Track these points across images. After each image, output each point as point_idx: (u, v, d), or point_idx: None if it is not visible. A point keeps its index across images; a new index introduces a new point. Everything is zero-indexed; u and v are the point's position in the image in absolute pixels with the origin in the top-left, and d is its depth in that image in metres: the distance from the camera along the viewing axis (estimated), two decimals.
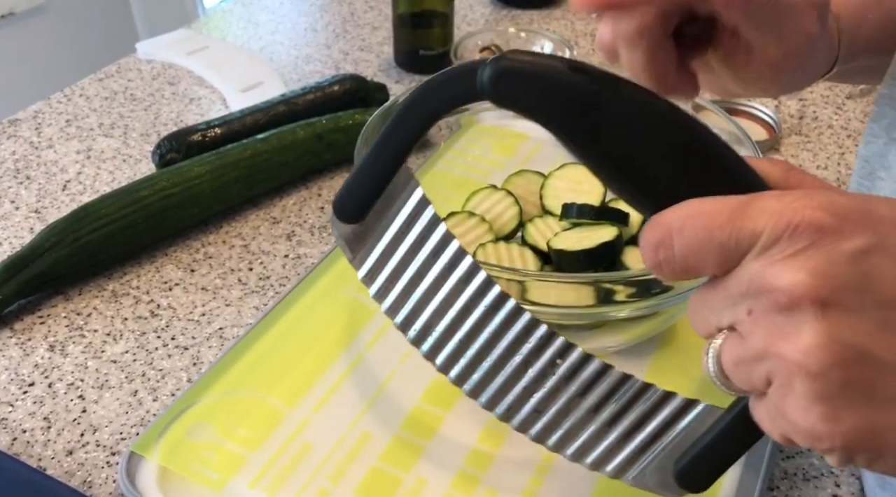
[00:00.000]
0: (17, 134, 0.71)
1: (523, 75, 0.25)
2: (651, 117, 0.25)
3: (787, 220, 0.22)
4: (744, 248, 0.23)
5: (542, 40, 0.81)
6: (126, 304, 0.54)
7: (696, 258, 0.24)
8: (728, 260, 0.23)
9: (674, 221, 0.24)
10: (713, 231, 0.23)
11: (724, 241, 0.23)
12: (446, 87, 0.27)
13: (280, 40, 0.87)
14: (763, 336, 0.23)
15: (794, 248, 0.22)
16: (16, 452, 0.44)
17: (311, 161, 0.64)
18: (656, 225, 0.25)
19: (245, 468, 0.42)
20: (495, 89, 0.25)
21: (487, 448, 0.43)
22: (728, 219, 0.23)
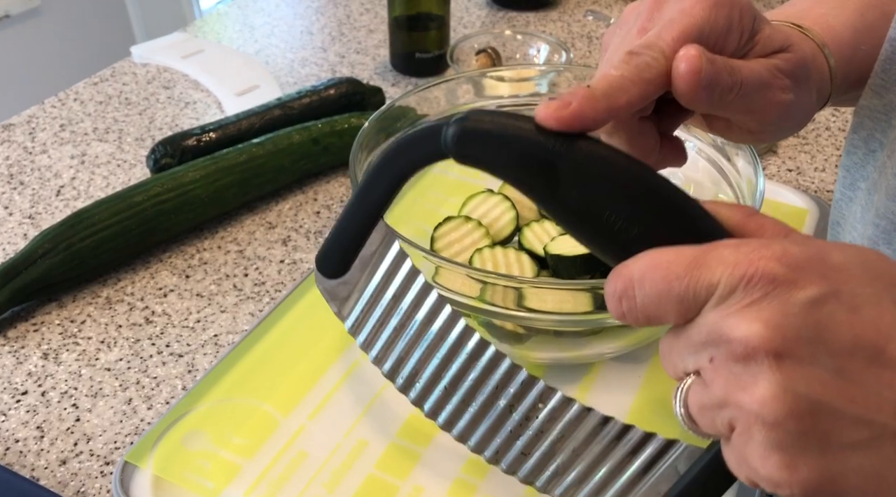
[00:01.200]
0: (11, 139, 0.70)
1: (483, 136, 0.26)
2: (607, 172, 0.26)
3: (742, 271, 0.23)
4: (701, 299, 0.23)
5: (538, 42, 0.81)
6: (120, 311, 0.53)
7: (656, 309, 0.24)
8: (687, 310, 0.24)
9: (634, 272, 0.25)
10: (671, 282, 0.24)
11: (682, 293, 0.24)
12: (413, 148, 0.29)
13: (276, 43, 0.87)
14: (723, 384, 0.23)
15: (749, 298, 0.22)
16: (8, 462, 0.44)
17: (307, 165, 0.64)
18: (618, 276, 0.25)
19: (240, 477, 0.42)
20: (457, 149, 0.27)
21: None
22: (685, 270, 0.24)
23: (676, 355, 0.25)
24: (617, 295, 0.25)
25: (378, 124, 0.51)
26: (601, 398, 0.46)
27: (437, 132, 0.27)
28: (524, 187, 0.27)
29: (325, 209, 0.63)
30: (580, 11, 0.94)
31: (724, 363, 0.23)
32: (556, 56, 0.79)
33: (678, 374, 0.26)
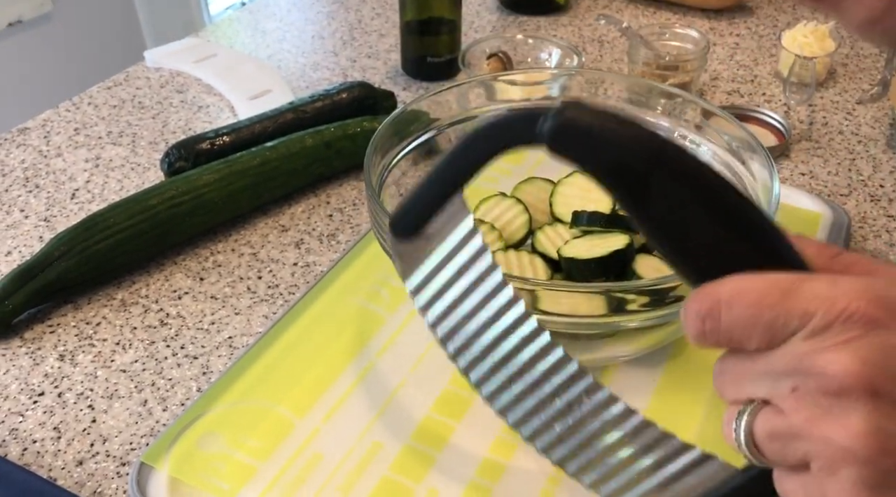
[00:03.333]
0: (27, 142, 0.71)
1: (579, 134, 0.26)
2: (701, 190, 0.26)
3: (841, 307, 0.23)
4: (791, 329, 0.23)
5: (549, 46, 0.81)
6: (135, 313, 0.54)
7: (741, 333, 0.24)
8: (773, 338, 0.24)
9: (723, 294, 0.24)
10: (763, 309, 0.24)
11: (773, 320, 0.24)
12: (508, 130, 0.28)
13: (287, 48, 0.87)
14: (807, 416, 0.23)
15: (846, 335, 0.23)
16: (26, 463, 0.44)
17: (320, 168, 0.64)
18: (704, 296, 0.25)
19: (255, 479, 0.42)
20: (551, 142, 0.26)
21: (499, 458, 0.43)
22: (779, 298, 0.24)
23: (746, 379, 0.25)
24: (701, 314, 0.25)
25: (392, 128, 0.51)
26: None
27: (535, 119, 0.27)
28: (613, 192, 0.27)
29: (337, 212, 0.63)
30: (591, 16, 0.95)
31: (811, 395, 0.23)
32: (568, 60, 0.79)
33: (741, 398, 0.26)
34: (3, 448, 0.45)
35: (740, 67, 0.84)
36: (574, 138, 0.26)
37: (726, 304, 0.24)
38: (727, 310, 0.24)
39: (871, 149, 0.71)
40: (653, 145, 0.26)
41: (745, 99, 0.78)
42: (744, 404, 0.25)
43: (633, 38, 0.79)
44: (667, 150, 0.26)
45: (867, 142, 0.72)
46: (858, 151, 0.70)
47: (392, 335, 0.50)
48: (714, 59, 0.85)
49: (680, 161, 0.26)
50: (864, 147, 0.71)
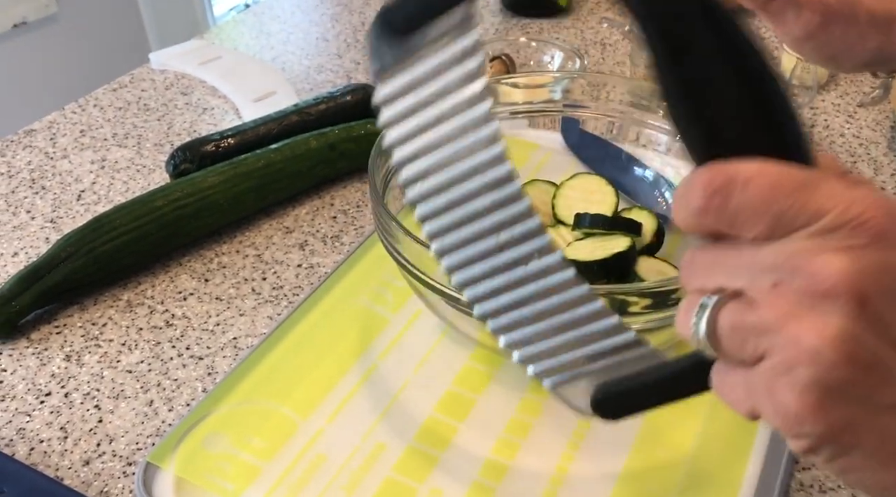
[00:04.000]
0: (33, 144, 0.71)
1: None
2: (745, 60, 0.24)
3: (857, 212, 0.22)
4: (798, 223, 0.22)
5: (552, 49, 0.82)
6: (141, 314, 0.54)
7: (748, 217, 0.23)
8: (776, 228, 0.23)
9: (740, 172, 0.23)
10: (779, 195, 0.22)
11: (785, 210, 0.22)
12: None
13: (292, 50, 0.88)
14: (781, 313, 0.22)
15: (851, 241, 0.22)
16: (33, 462, 0.44)
17: (324, 170, 0.65)
18: (720, 171, 0.23)
19: (260, 479, 0.42)
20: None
21: (502, 459, 0.43)
22: (797, 188, 0.22)
23: (721, 269, 0.24)
24: (711, 187, 0.23)
25: None
26: None
27: None
28: (653, 40, 0.24)
29: (341, 214, 0.63)
30: (593, 19, 0.95)
31: (794, 293, 0.22)
32: (570, 63, 0.79)
33: (708, 287, 0.24)
34: (10, 448, 0.45)
35: None
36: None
37: (742, 184, 0.23)
38: (742, 189, 0.23)
39: (872, 151, 0.71)
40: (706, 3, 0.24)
41: None
42: (710, 294, 0.24)
43: (636, 40, 0.80)
44: (718, 6, 0.24)
45: (868, 145, 0.72)
46: (860, 154, 0.70)
47: (396, 336, 0.51)
48: None
49: (729, 20, 0.24)
50: (865, 150, 0.71)
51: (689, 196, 0.24)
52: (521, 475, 0.43)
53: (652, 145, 0.58)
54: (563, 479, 0.42)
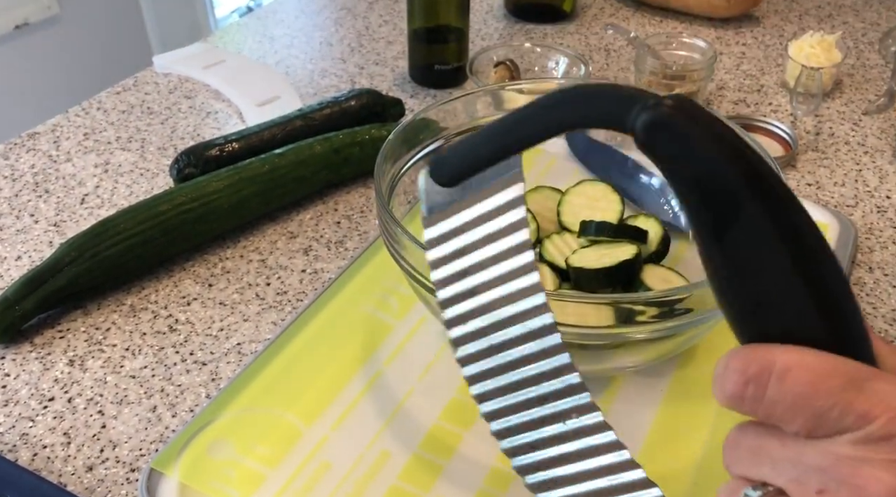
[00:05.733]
0: (36, 147, 0.71)
1: (676, 136, 0.23)
2: (794, 235, 0.22)
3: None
4: (843, 426, 0.21)
5: (556, 55, 0.82)
6: (144, 319, 0.54)
7: (785, 411, 0.22)
8: (819, 429, 0.21)
9: (779, 361, 0.22)
10: (820, 393, 0.21)
11: (826, 410, 0.21)
12: (595, 105, 0.25)
13: (295, 54, 0.88)
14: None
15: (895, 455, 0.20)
16: (36, 468, 0.44)
17: (329, 175, 0.65)
18: (756, 356, 0.22)
19: (265, 486, 0.42)
20: (644, 136, 0.23)
21: (507, 468, 0.43)
22: (842, 387, 0.21)
23: (767, 460, 0.23)
24: (746, 376, 0.22)
25: (402, 136, 0.52)
26: (623, 411, 0.46)
27: (630, 103, 0.23)
28: (693, 211, 0.23)
29: (345, 219, 0.63)
30: (598, 24, 0.95)
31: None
32: (575, 69, 0.79)
33: (750, 476, 0.23)
34: (13, 453, 0.45)
35: (747, 77, 0.84)
36: (668, 138, 0.23)
37: (779, 374, 0.22)
38: (778, 380, 0.22)
39: (877, 160, 0.71)
40: (756, 168, 0.22)
41: (752, 109, 0.78)
42: (751, 485, 0.23)
43: (640, 47, 0.80)
44: (768, 178, 0.22)
45: (874, 153, 0.72)
46: (865, 162, 0.70)
47: (400, 343, 0.50)
48: (721, 69, 0.85)
49: (780, 194, 0.22)
50: (870, 158, 0.71)
51: (725, 379, 0.23)
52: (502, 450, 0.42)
53: None
54: None
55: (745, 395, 0.22)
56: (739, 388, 0.22)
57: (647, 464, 0.43)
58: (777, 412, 0.22)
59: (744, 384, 0.22)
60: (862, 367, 0.22)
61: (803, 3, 1.01)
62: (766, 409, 0.22)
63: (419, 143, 0.55)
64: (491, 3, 1.00)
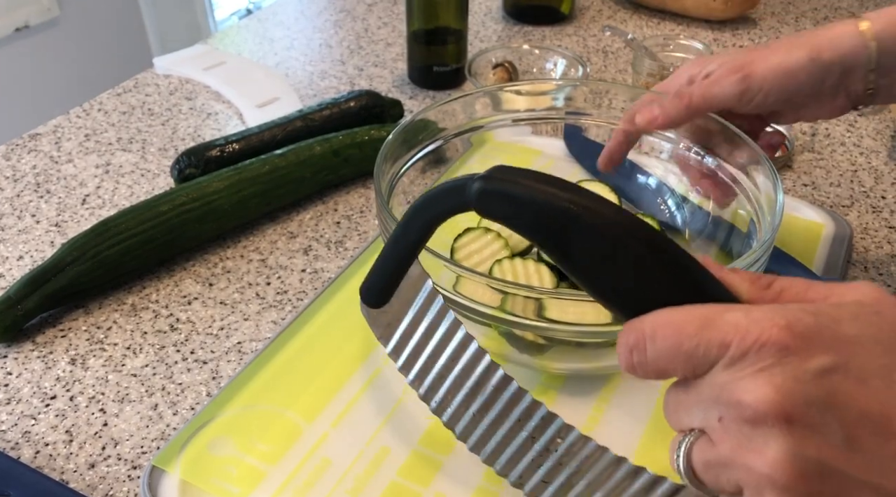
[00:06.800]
0: (38, 148, 0.72)
1: (503, 195, 0.29)
2: (617, 236, 0.27)
3: (755, 336, 0.23)
4: (712, 358, 0.24)
5: (554, 56, 0.82)
6: (146, 318, 0.54)
7: (666, 363, 0.25)
8: (696, 367, 0.25)
9: (646, 327, 0.26)
10: (682, 339, 0.25)
11: (693, 350, 0.24)
12: (440, 201, 0.32)
13: (295, 56, 0.88)
14: (732, 445, 0.24)
15: (760, 364, 0.23)
16: (39, 466, 0.44)
17: (328, 176, 0.65)
18: (630, 330, 0.26)
19: (265, 482, 0.42)
20: (480, 205, 0.29)
21: None
22: (696, 329, 0.24)
23: (683, 409, 0.26)
24: (629, 347, 0.26)
25: (401, 136, 0.52)
26: (619, 409, 0.47)
27: (463, 187, 0.30)
28: (540, 245, 0.29)
29: (345, 219, 0.64)
30: (596, 26, 0.95)
31: (734, 424, 0.24)
32: (573, 70, 0.79)
33: (682, 427, 0.26)
34: (15, 451, 0.45)
35: None
36: (498, 200, 0.29)
37: (650, 337, 0.25)
38: (651, 342, 0.25)
39: (872, 160, 0.71)
40: (568, 203, 0.28)
41: None
42: (685, 434, 0.26)
43: (638, 48, 0.80)
44: (582, 205, 0.28)
45: (869, 153, 0.72)
46: (860, 163, 0.71)
47: None
48: None
49: (597, 208, 0.28)
50: (865, 159, 0.72)
51: (620, 358, 0.27)
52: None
53: (654, 153, 0.59)
54: None
55: (633, 362, 0.26)
56: (628, 357, 0.26)
57: (645, 458, 0.44)
58: (662, 366, 0.25)
59: (630, 354, 0.26)
60: (713, 307, 0.25)
61: (800, 5, 1.02)
62: (653, 366, 0.25)
63: (418, 144, 0.55)
64: (489, 5, 1.01)
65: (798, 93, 0.48)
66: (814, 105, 0.49)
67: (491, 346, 0.46)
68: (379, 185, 0.48)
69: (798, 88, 0.48)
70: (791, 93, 0.48)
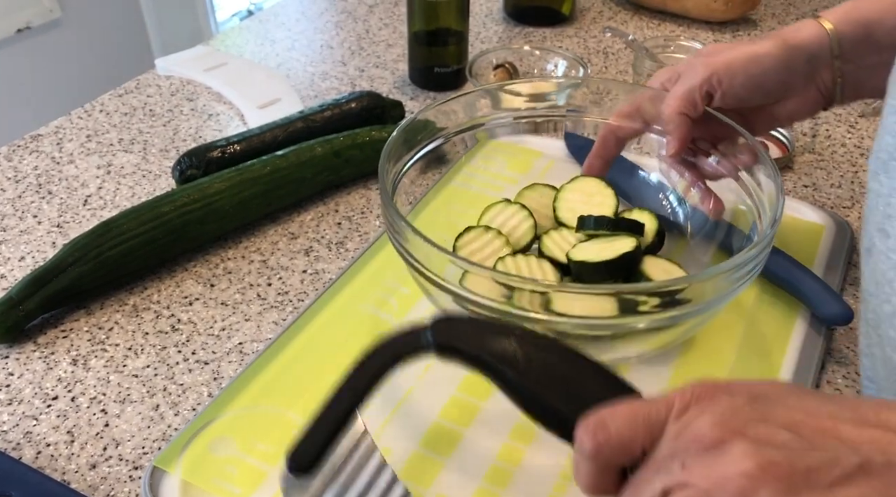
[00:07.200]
0: (39, 149, 0.72)
1: (460, 335, 0.33)
2: (561, 352, 0.33)
3: (689, 394, 0.28)
4: (663, 418, 0.28)
5: (555, 57, 0.82)
6: (147, 319, 0.54)
7: (629, 432, 0.28)
8: (653, 428, 0.28)
9: (604, 412, 0.29)
10: (636, 410, 0.29)
11: (648, 414, 0.28)
12: (397, 343, 0.34)
13: (296, 57, 0.88)
14: (702, 474, 0.26)
15: (699, 408, 0.27)
16: (40, 466, 0.45)
17: (329, 177, 0.65)
18: (590, 418, 0.29)
19: (266, 483, 0.42)
20: (439, 348, 0.33)
21: (507, 465, 0.44)
22: (644, 402, 0.29)
23: (641, 489, 0.28)
24: (591, 428, 0.29)
25: (404, 136, 0.53)
26: None
27: (418, 333, 0.33)
28: (489, 378, 0.33)
29: (346, 220, 0.64)
30: (596, 27, 0.96)
31: (697, 458, 0.26)
32: (574, 71, 0.80)
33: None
34: (17, 451, 0.45)
35: None
36: (455, 340, 0.33)
37: (610, 417, 0.29)
38: (612, 419, 0.29)
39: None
40: (518, 331, 0.33)
41: None
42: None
43: (639, 50, 0.80)
44: (529, 332, 0.33)
45: (869, 155, 0.72)
46: (861, 164, 0.71)
47: None
48: None
49: (538, 337, 0.33)
50: (866, 160, 0.72)
51: (581, 448, 0.29)
52: (526, 480, 0.43)
53: (654, 152, 0.59)
54: (567, 486, 0.42)
55: (600, 440, 0.28)
56: (592, 437, 0.29)
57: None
58: (626, 437, 0.28)
59: (593, 435, 0.29)
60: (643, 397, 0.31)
61: (800, 6, 1.02)
62: (617, 438, 0.28)
63: (419, 143, 0.55)
64: (490, 6, 1.01)
65: (765, 78, 0.50)
66: (785, 98, 0.51)
67: None
68: (384, 179, 0.48)
69: (764, 72, 0.50)
70: (758, 77, 0.50)
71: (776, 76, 0.50)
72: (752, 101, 0.51)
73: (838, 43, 0.49)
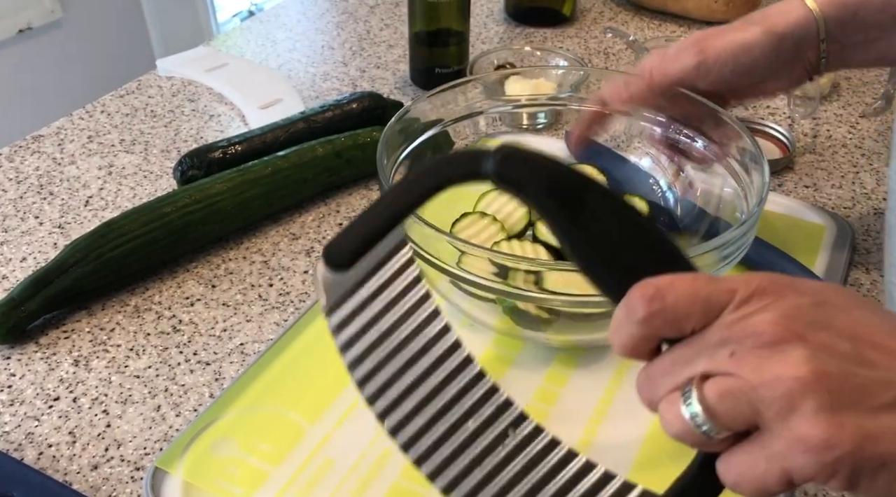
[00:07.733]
0: (41, 150, 0.72)
1: (522, 164, 0.30)
2: (626, 210, 0.30)
3: (755, 284, 0.27)
4: (723, 303, 0.27)
5: (556, 58, 0.82)
6: (148, 320, 0.54)
7: (686, 307, 0.27)
8: (710, 311, 0.27)
9: (663, 282, 0.28)
10: (698, 287, 0.28)
11: (708, 295, 0.27)
12: (455, 165, 0.32)
13: (297, 58, 0.89)
14: (752, 367, 0.26)
15: (763, 302, 0.27)
16: (42, 467, 0.45)
17: (330, 177, 0.65)
18: (647, 284, 0.28)
19: (268, 483, 0.42)
20: (499, 170, 0.30)
21: None
22: (707, 282, 0.28)
23: (680, 365, 0.28)
24: (648, 295, 0.28)
25: (399, 126, 0.55)
26: (630, 379, 0.47)
27: (480, 155, 0.30)
28: (551, 212, 0.30)
29: (347, 221, 0.64)
30: (597, 28, 0.96)
31: (751, 352, 0.26)
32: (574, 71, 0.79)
33: (679, 383, 0.28)
34: (19, 452, 0.45)
35: None
36: (517, 169, 0.30)
37: (668, 288, 0.28)
38: (670, 291, 0.27)
39: (874, 162, 0.71)
40: (580, 173, 0.30)
41: (750, 111, 0.79)
42: (684, 388, 0.27)
43: (639, 50, 0.80)
44: (599, 187, 0.30)
45: (870, 155, 0.72)
46: (862, 165, 0.71)
47: None
48: None
49: (602, 188, 0.31)
50: (867, 160, 0.72)
51: (631, 312, 0.28)
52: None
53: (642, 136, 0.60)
54: None
55: (653, 310, 0.27)
56: (647, 307, 0.27)
57: (657, 434, 0.44)
58: (682, 310, 0.27)
59: (650, 303, 0.27)
60: (708, 273, 0.29)
61: None
62: (673, 312, 0.27)
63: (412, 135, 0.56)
64: (491, 6, 1.01)
65: (754, 66, 0.50)
66: (772, 78, 0.52)
67: (499, 326, 0.47)
68: (381, 163, 0.49)
69: (753, 62, 0.50)
70: (747, 66, 0.50)
71: (765, 63, 0.50)
72: (739, 84, 0.52)
73: (825, 25, 0.50)
